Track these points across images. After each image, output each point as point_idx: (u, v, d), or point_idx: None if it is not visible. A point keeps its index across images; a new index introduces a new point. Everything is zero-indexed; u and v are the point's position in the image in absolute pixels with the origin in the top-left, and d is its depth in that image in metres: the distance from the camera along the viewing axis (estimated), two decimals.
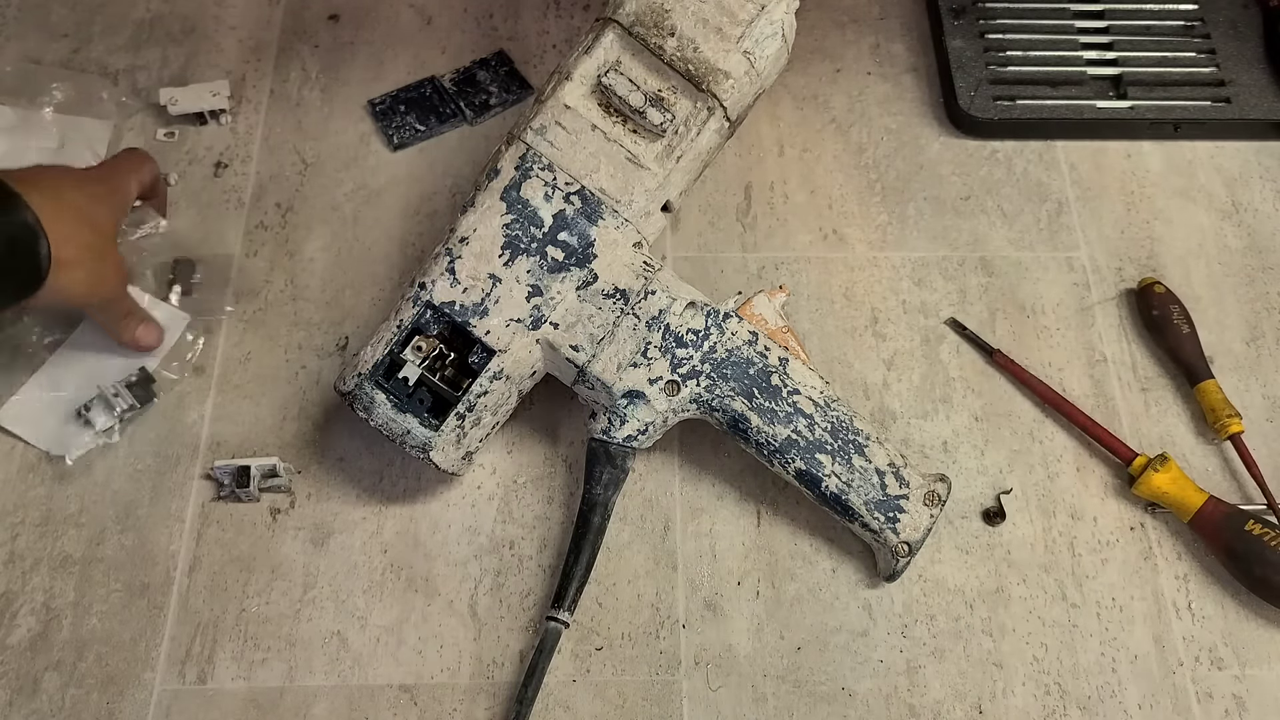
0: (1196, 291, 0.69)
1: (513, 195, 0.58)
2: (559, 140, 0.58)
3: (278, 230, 0.70)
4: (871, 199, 0.73)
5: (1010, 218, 0.72)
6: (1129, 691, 0.57)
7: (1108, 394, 0.66)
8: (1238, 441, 0.63)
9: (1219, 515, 0.59)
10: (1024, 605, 0.59)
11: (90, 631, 0.57)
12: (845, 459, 0.57)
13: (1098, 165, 0.75)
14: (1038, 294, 0.69)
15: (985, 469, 0.63)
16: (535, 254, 0.57)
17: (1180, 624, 0.59)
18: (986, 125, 0.74)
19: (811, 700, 0.57)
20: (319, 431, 0.64)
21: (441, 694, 0.56)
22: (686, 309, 0.58)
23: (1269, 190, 0.74)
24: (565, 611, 0.56)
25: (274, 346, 0.66)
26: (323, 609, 0.59)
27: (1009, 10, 0.79)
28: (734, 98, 0.59)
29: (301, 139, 0.74)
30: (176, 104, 0.73)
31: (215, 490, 0.61)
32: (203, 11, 0.79)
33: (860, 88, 0.78)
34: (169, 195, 0.71)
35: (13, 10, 0.79)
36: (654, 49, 0.59)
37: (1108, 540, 0.61)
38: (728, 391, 0.57)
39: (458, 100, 0.75)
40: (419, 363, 0.56)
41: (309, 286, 0.68)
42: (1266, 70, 0.76)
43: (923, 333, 0.68)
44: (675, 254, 0.70)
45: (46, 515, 0.60)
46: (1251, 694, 0.57)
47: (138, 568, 0.59)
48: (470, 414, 0.57)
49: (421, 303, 0.57)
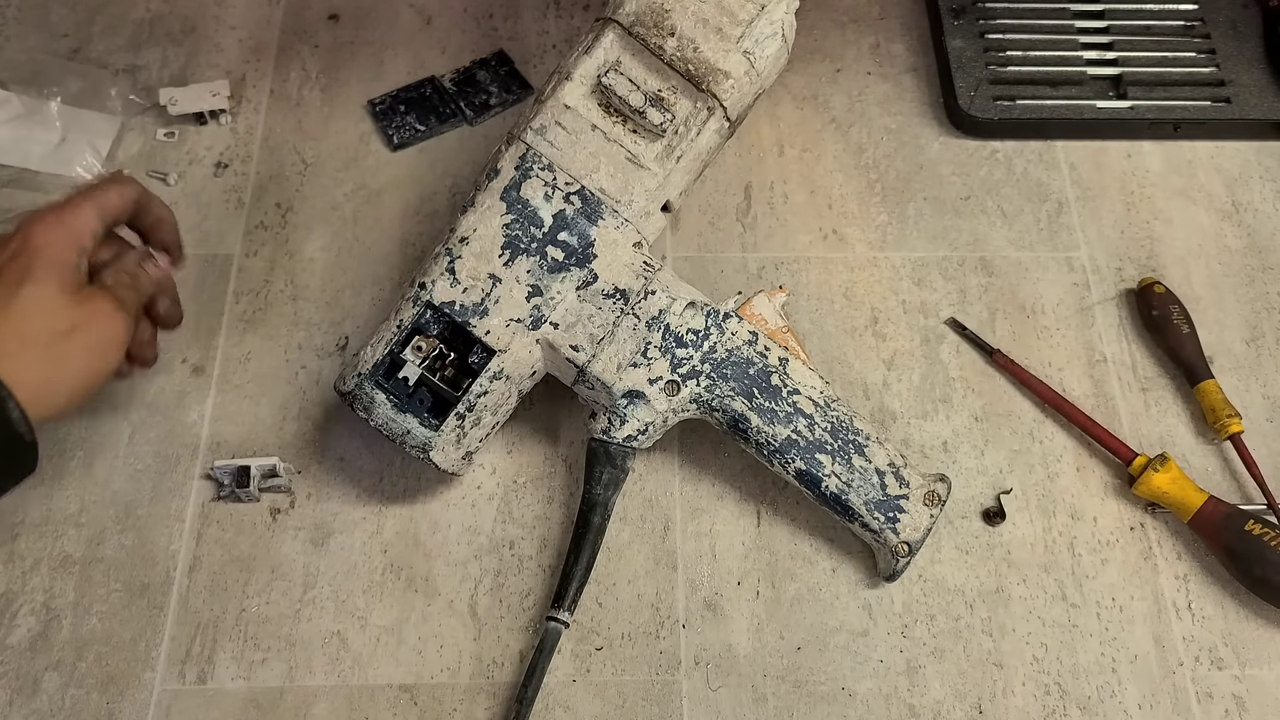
0: (1196, 291, 0.69)
1: (513, 195, 0.58)
2: (559, 140, 0.58)
3: (278, 230, 0.70)
4: (871, 199, 0.73)
5: (1010, 218, 0.72)
6: (1129, 691, 0.57)
7: (1108, 394, 0.66)
8: (1238, 441, 0.63)
9: (1219, 515, 0.59)
10: (1024, 605, 0.59)
11: (90, 631, 0.57)
12: (845, 459, 0.57)
13: (1098, 165, 0.75)
14: (1038, 294, 0.69)
15: (985, 469, 0.63)
16: (535, 254, 0.57)
17: (1180, 624, 0.59)
18: (986, 125, 0.74)
19: (811, 700, 0.57)
20: (319, 431, 0.64)
21: (441, 694, 0.56)
22: (686, 309, 0.58)
23: (1269, 190, 0.74)
24: (565, 611, 0.56)
25: (274, 346, 0.66)
26: (323, 609, 0.59)
27: (1009, 10, 0.79)
28: (734, 98, 0.59)
29: (301, 139, 0.74)
30: (176, 104, 0.73)
31: (215, 490, 0.61)
32: (203, 11, 0.79)
33: (860, 88, 0.78)
34: (170, 195, 0.71)
35: (13, 10, 0.79)
36: (654, 49, 0.59)
37: (1108, 540, 0.61)
38: (728, 391, 0.57)
39: (458, 100, 0.75)
40: (419, 363, 0.56)
41: (309, 286, 0.68)
42: (1266, 70, 0.76)
43: (923, 333, 0.68)
44: (675, 254, 0.70)
45: (46, 515, 0.61)
46: (1251, 694, 0.57)
47: (138, 568, 0.59)
48: (470, 414, 0.57)
49: (421, 303, 0.57)
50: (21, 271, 0.49)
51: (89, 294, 0.51)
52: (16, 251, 0.49)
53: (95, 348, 0.50)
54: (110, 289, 0.52)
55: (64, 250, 0.50)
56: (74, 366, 0.49)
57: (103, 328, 0.51)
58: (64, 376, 0.49)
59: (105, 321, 0.51)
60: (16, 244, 0.50)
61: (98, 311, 0.51)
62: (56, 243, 0.50)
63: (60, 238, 0.50)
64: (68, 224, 0.51)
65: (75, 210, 0.51)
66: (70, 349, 0.49)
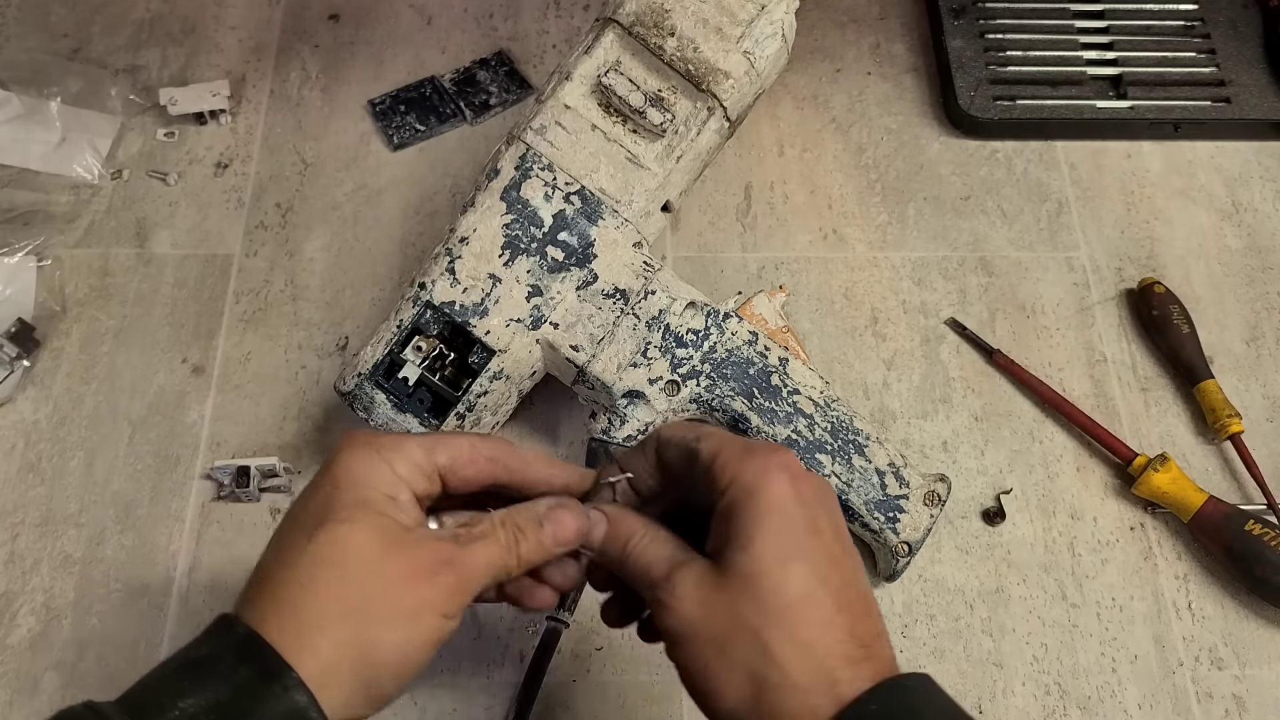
0: (1196, 291, 0.69)
1: (513, 195, 0.58)
2: (559, 140, 0.58)
3: (278, 230, 0.70)
4: (871, 199, 0.73)
5: (1010, 218, 0.72)
6: (1129, 691, 0.57)
7: (1108, 394, 0.66)
8: (1238, 441, 0.63)
9: (1219, 515, 0.59)
10: (1024, 605, 0.59)
11: (90, 631, 0.57)
12: (845, 459, 0.57)
13: (1098, 165, 0.75)
14: (1038, 294, 0.69)
15: (985, 469, 0.63)
16: (535, 254, 0.57)
17: (1180, 624, 0.59)
18: (986, 125, 0.74)
19: None
20: (319, 431, 0.63)
21: (441, 694, 0.56)
22: (686, 309, 0.58)
23: (1269, 190, 0.74)
24: (565, 611, 0.56)
25: (274, 346, 0.66)
26: None
27: (1009, 10, 0.79)
28: (734, 98, 0.59)
29: (301, 139, 0.74)
30: (176, 104, 0.73)
31: (215, 490, 0.61)
32: (203, 11, 0.79)
33: (860, 88, 0.78)
34: (170, 195, 0.71)
35: (13, 10, 0.79)
36: (654, 49, 0.59)
37: (1108, 540, 0.61)
38: (728, 391, 0.57)
39: (458, 100, 0.75)
40: (419, 363, 0.56)
41: (309, 286, 0.68)
42: (1266, 70, 0.76)
43: (923, 333, 0.68)
44: (675, 254, 0.70)
45: (46, 515, 0.60)
46: (1251, 694, 0.57)
47: (138, 568, 0.59)
48: (470, 414, 0.57)
49: (421, 303, 0.57)
50: (321, 509, 0.39)
51: (414, 548, 0.39)
52: (318, 480, 0.40)
53: (414, 616, 0.38)
54: (461, 539, 0.40)
55: (373, 482, 0.39)
56: (388, 644, 0.37)
57: (429, 589, 0.39)
58: (375, 661, 0.37)
59: (435, 579, 0.39)
60: (322, 467, 0.41)
61: (418, 572, 0.39)
62: (366, 470, 0.40)
63: (371, 463, 0.40)
64: (382, 448, 0.40)
65: (398, 440, 0.41)
66: (383, 616, 0.37)
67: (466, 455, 0.42)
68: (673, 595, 0.39)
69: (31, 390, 0.64)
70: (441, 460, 0.41)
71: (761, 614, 0.37)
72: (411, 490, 0.40)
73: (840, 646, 0.37)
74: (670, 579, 0.39)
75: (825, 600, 0.38)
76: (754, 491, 0.39)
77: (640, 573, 0.41)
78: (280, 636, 0.36)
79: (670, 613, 0.39)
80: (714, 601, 0.38)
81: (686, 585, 0.39)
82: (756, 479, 0.39)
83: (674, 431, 0.43)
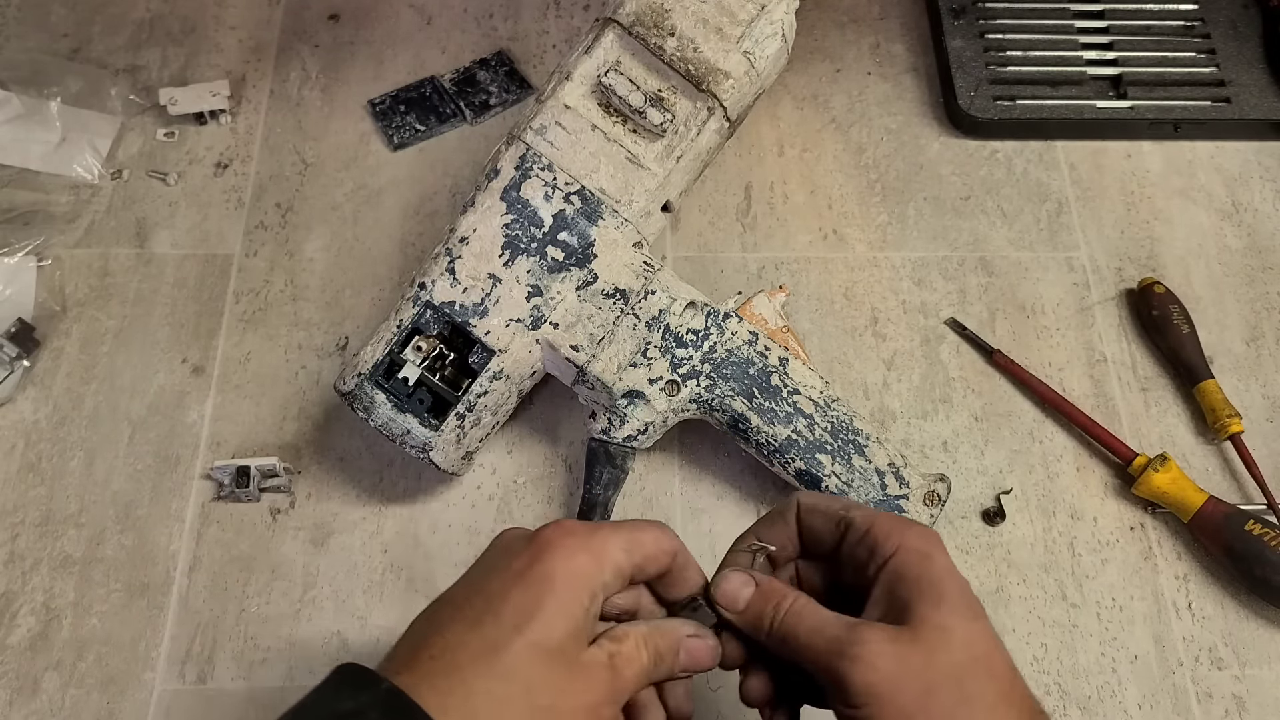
0: (1196, 291, 0.69)
1: (513, 195, 0.58)
2: (559, 140, 0.58)
3: (278, 230, 0.70)
4: (871, 199, 0.73)
5: (1010, 218, 0.72)
6: (1129, 691, 0.57)
7: (1108, 394, 0.66)
8: (1238, 441, 0.63)
9: (1219, 515, 0.59)
10: (1024, 605, 0.59)
11: (90, 631, 0.57)
12: (845, 459, 0.57)
13: (1098, 165, 0.75)
14: (1038, 294, 0.69)
15: (985, 469, 0.63)
16: (535, 254, 0.57)
17: (1180, 624, 0.59)
18: (986, 125, 0.74)
19: None
20: (319, 431, 0.64)
21: None
22: (686, 309, 0.58)
23: (1269, 190, 0.74)
24: None
25: (274, 346, 0.66)
26: (323, 609, 0.59)
27: (1009, 10, 0.79)
28: (734, 98, 0.59)
29: (301, 139, 0.74)
30: (176, 104, 0.73)
31: (215, 490, 0.61)
32: (203, 11, 0.79)
33: (860, 88, 0.78)
34: (170, 195, 0.71)
35: (13, 10, 0.79)
36: (654, 49, 0.59)
37: (1108, 540, 0.61)
38: (728, 391, 0.57)
39: (458, 100, 0.75)
40: (419, 363, 0.56)
41: (309, 286, 0.68)
42: (1266, 70, 0.76)
43: (923, 333, 0.68)
44: (675, 254, 0.70)
45: (46, 515, 0.61)
46: (1251, 694, 0.57)
47: (138, 568, 0.59)
48: (470, 414, 0.57)
49: (421, 303, 0.57)
50: (533, 602, 0.38)
51: (588, 662, 0.39)
52: (525, 571, 0.39)
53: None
54: (615, 658, 0.40)
55: (583, 587, 0.39)
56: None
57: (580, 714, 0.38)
58: None
59: (599, 712, 0.39)
60: (529, 556, 0.40)
61: (587, 690, 0.39)
62: (579, 574, 0.39)
63: (585, 566, 0.39)
64: (595, 552, 0.40)
65: (606, 540, 0.41)
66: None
67: (653, 553, 0.42)
68: (867, 650, 0.38)
69: (31, 390, 0.64)
70: (636, 560, 0.41)
71: (961, 666, 0.38)
72: (606, 595, 0.41)
73: (1025, 702, 0.39)
74: (859, 636, 0.39)
75: (1006, 657, 0.40)
76: (929, 556, 0.41)
77: (808, 635, 0.40)
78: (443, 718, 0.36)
79: (868, 669, 0.38)
80: (909, 655, 0.38)
81: (879, 642, 0.39)
82: (927, 545, 0.41)
83: (817, 501, 0.44)
